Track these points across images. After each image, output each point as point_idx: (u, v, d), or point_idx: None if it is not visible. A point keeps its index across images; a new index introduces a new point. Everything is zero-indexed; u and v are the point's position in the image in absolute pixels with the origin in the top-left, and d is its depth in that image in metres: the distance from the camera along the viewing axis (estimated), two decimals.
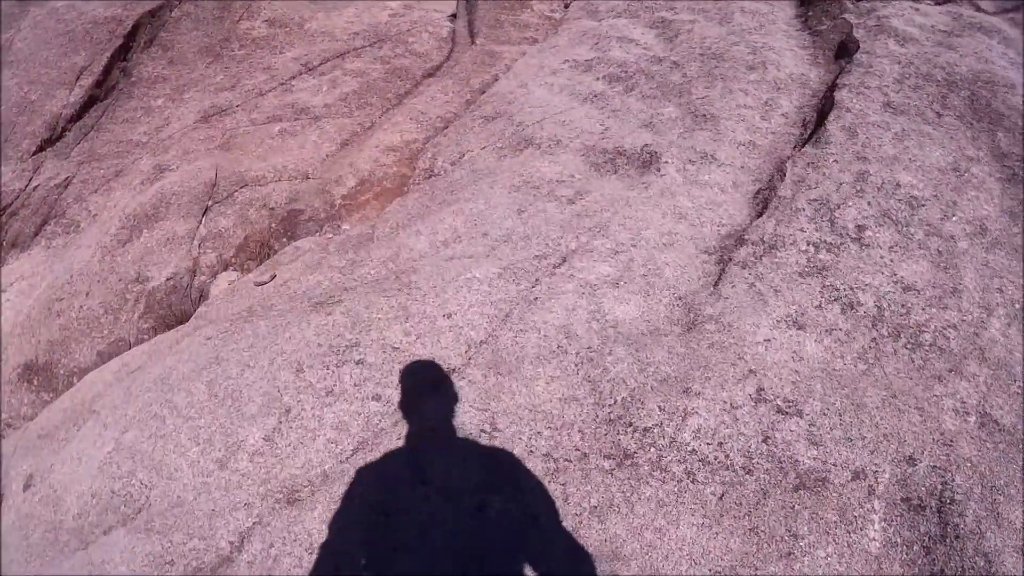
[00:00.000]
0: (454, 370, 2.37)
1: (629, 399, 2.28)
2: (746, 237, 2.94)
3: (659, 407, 2.27)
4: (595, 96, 4.02)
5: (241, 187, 4.21)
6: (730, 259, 2.87)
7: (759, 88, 3.88)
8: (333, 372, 2.40)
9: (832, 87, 3.84)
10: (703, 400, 2.29)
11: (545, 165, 3.44)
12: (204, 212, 4.13)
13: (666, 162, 3.37)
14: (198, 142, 4.59)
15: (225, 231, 4.00)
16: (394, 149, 4.24)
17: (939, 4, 4.54)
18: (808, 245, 2.87)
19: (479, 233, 2.97)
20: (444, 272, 2.73)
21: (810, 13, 4.61)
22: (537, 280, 2.65)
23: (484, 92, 4.56)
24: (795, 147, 3.56)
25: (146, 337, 3.68)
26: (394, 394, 2.31)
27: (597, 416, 2.26)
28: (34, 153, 4.75)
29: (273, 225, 4.03)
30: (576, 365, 2.37)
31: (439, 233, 3.04)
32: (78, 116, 4.96)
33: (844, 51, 4.14)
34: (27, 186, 4.64)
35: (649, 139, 3.56)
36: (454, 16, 5.66)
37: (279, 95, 4.81)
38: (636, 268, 2.74)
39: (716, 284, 2.77)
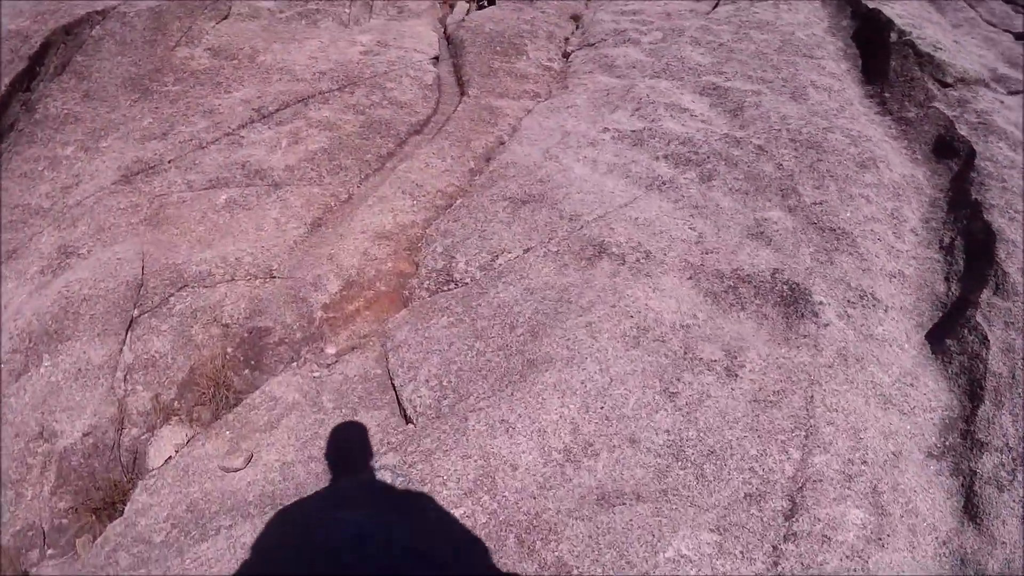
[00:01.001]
0: None
1: None
2: (980, 437, 2.05)
3: None
4: (663, 183, 3.04)
5: (179, 288, 2.84)
6: (973, 471, 1.98)
7: (879, 194, 3.07)
8: None
9: (960, 200, 3.10)
10: None
11: (649, 295, 2.40)
12: (128, 327, 2.73)
13: (821, 303, 2.44)
14: (117, 212, 3.15)
15: (160, 358, 2.63)
16: (386, 236, 3.05)
17: (1011, 94, 4.00)
18: None
19: (622, 438, 1.85)
20: (620, 543, 1.57)
21: (887, 95, 3.91)
22: (777, 551, 1.58)
23: (492, 159, 3.49)
24: (946, 279, 2.77)
25: (65, 521, 2.31)
26: None
27: None
28: None
29: (230, 350, 2.71)
30: None
31: (547, 430, 1.89)
32: None
33: (947, 149, 3.44)
34: None
35: (773, 260, 2.63)
36: (437, 59, 4.53)
37: (224, 149, 3.46)
38: (888, 505, 1.76)
39: (972, 514, 1.89)
